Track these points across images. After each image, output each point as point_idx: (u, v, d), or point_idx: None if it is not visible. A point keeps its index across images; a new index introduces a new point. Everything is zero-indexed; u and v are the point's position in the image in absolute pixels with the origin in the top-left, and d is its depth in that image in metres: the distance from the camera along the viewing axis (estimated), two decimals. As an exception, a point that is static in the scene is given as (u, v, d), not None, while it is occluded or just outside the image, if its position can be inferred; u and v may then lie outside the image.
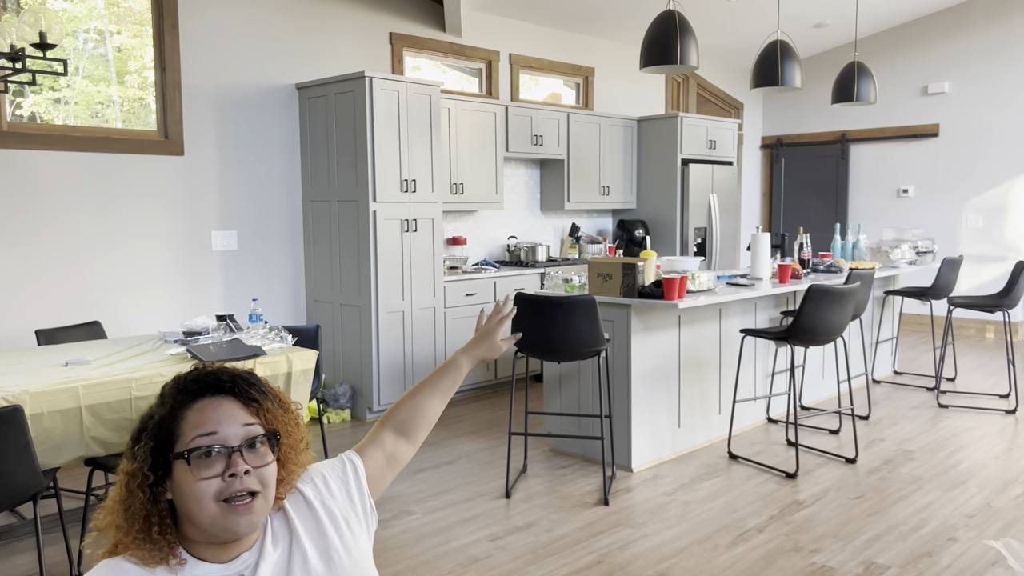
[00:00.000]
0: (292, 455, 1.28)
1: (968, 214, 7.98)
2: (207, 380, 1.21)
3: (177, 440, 1.17)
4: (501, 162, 5.97)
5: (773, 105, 9.38)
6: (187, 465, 1.14)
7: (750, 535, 3.23)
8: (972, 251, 7.97)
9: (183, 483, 1.14)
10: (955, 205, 8.05)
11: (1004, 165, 7.73)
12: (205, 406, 1.18)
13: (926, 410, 5.14)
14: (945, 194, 8.11)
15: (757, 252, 4.85)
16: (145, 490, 1.15)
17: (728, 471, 4.02)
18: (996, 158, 7.77)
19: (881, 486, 3.78)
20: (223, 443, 1.16)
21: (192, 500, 1.14)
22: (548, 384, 4.38)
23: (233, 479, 1.14)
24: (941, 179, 8.13)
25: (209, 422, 1.16)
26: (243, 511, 1.15)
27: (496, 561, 3.01)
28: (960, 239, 8.03)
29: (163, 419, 1.18)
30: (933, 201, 8.19)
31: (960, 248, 8.04)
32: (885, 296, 6.04)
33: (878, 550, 3.07)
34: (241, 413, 1.20)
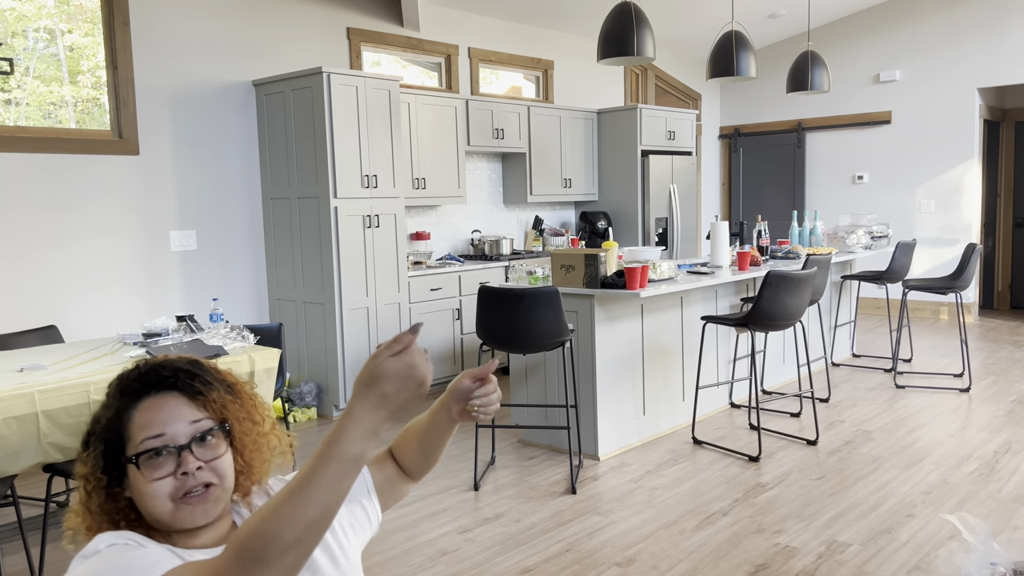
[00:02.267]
0: (249, 441, 1.26)
1: (921, 199, 8.17)
2: (149, 377, 1.19)
3: (127, 442, 1.15)
4: (463, 156, 5.97)
5: (730, 95, 9.49)
6: (137, 469, 1.13)
7: (715, 518, 3.28)
8: (926, 235, 8.16)
9: (137, 484, 1.14)
10: (908, 190, 8.23)
11: (954, 150, 7.92)
12: (150, 405, 1.17)
13: (884, 391, 5.27)
14: (899, 179, 8.29)
15: (716, 240, 4.91)
16: (100, 492, 1.15)
17: (693, 456, 4.08)
18: (947, 143, 7.96)
19: (841, 466, 3.87)
20: (171, 443, 1.14)
21: (147, 499, 1.13)
22: (514, 376, 4.39)
23: (185, 477, 1.14)
24: (894, 165, 8.31)
25: (155, 423, 1.15)
26: (198, 502, 1.14)
27: (465, 553, 3.02)
28: (914, 223, 8.22)
29: (109, 421, 1.17)
30: (887, 186, 8.37)
31: (914, 232, 8.23)
32: (842, 281, 6.16)
33: (839, 528, 3.15)
34: (187, 409, 1.18)
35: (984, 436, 4.25)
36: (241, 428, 1.24)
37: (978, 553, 2.19)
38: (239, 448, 1.23)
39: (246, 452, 1.24)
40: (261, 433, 1.28)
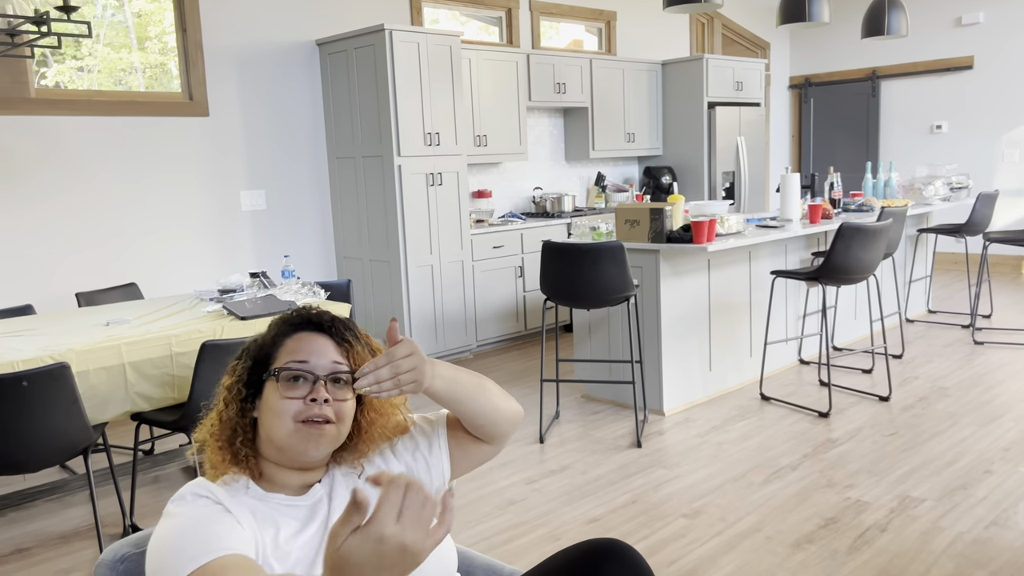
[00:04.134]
0: (375, 403, 1.33)
1: (1004, 148, 7.78)
2: (309, 317, 1.31)
3: (273, 362, 1.27)
4: (524, 112, 5.92)
5: (801, 44, 9.15)
6: (275, 382, 1.24)
7: (784, 472, 3.25)
8: (1009, 186, 7.79)
9: (269, 398, 1.24)
10: (991, 139, 7.84)
11: (1042, 96, 7.50)
12: (302, 337, 1.28)
13: (961, 347, 5.10)
14: (980, 128, 7.90)
15: (787, 193, 4.79)
16: (236, 403, 1.26)
17: (760, 412, 4.04)
18: (1034, 89, 7.54)
19: (915, 423, 3.77)
20: (311, 371, 1.25)
21: (274, 415, 1.23)
22: (578, 331, 4.40)
23: (313, 404, 1.23)
24: (976, 113, 7.91)
25: (302, 351, 1.26)
26: (315, 432, 1.22)
27: (532, 503, 3.07)
28: (996, 174, 7.85)
29: (264, 343, 1.30)
30: (968, 136, 7.99)
31: (996, 183, 7.86)
32: (918, 234, 5.95)
33: (913, 484, 3.08)
34: (332, 351, 1.28)
35: (1069, 393, 4.09)
36: None
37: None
38: (364, 404, 1.32)
39: (369, 411, 1.33)
40: (387, 401, 1.35)
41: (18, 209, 4.12)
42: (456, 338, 5.29)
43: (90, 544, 2.92)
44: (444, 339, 5.21)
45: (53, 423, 2.47)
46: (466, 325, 5.35)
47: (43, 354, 2.61)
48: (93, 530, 3.03)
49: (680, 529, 2.79)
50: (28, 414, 2.41)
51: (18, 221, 4.12)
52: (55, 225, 4.24)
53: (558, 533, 2.82)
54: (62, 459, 2.57)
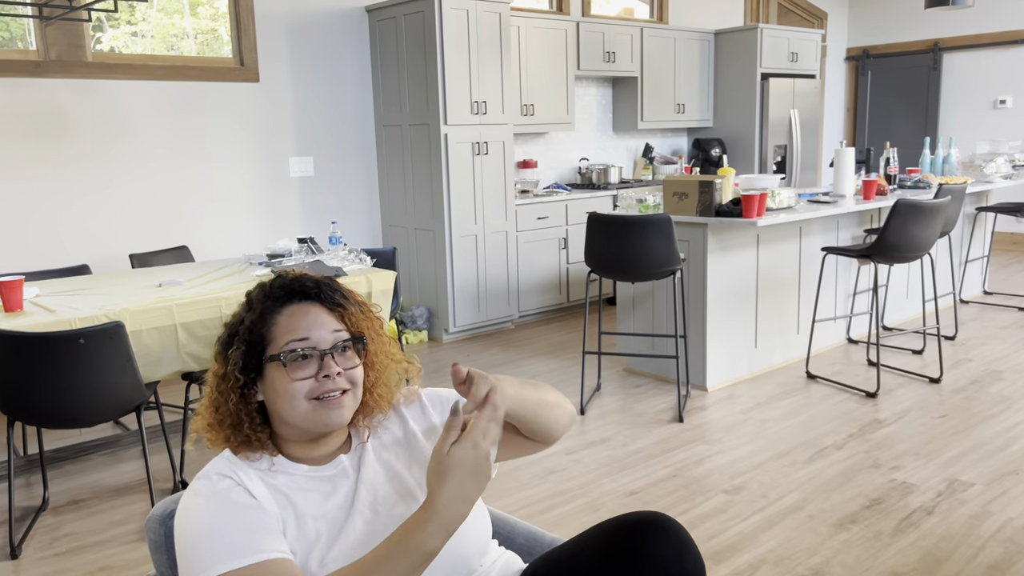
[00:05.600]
0: (379, 358, 1.31)
1: (1073, 125, 7.47)
2: (293, 287, 1.25)
3: (269, 344, 1.21)
4: (572, 81, 5.85)
5: (860, 14, 8.86)
6: (283, 367, 1.19)
7: (828, 452, 3.21)
8: (1075, 164, 7.47)
9: (277, 383, 1.20)
10: (1058, 115, 7.53)
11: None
12: (295, 312, 1.22)
13: (1017, 330, 4.95)
14: (1048, 104, 7.59)
15: (840, 168, 4.66)
16: (236, 391, 1.21)
17: (806, 390, 3.98)
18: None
19: (966, 405, 3.68)
20: (316, 347, 1.20)
21: (286, 399, 1.19)
22: (621, 305, 4.37)
23: (326, 380, 1.20)
24: (1044, 87, 7.59)
25: (301, 327, 1.21)
26: (334, 405, 1.20)
27: (572, 473, 3.08)
28: (1062, 152, 7.54)
29: (254, 324, 1.22)
30: (1034, 112, 7.68)
31: (1062, 162, 7.55)
32: (977, 213, 5.76)
33: (962, 468, 3.02)
34: (328, 319, 1.23)
35: None
36: (374, 344, 1.30)
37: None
38: (369, 364, 1.29)
39: (376, 368, 1.30)
40: (388, 353, 1.33)
41: (74, 170, 4.22)
42: (498, 308, 5.30)
43: (142, 498, 3.02)
44: (487, 309, 5.23)
45: (108, 380, 2.54)
46: (508, 296, 5.35)
47: (99, 313, 2.68)
48: (145, 484, 3.13)
49: (721, 505, 2.78)
50: (84, 371, 2.49)
51: (74, 182, 4.22)
52: (110, 187, 4.34)
53: (598, 504, 2.83)
54: (116, 415, 2.65)
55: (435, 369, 4.54)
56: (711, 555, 2.45)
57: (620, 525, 1.16)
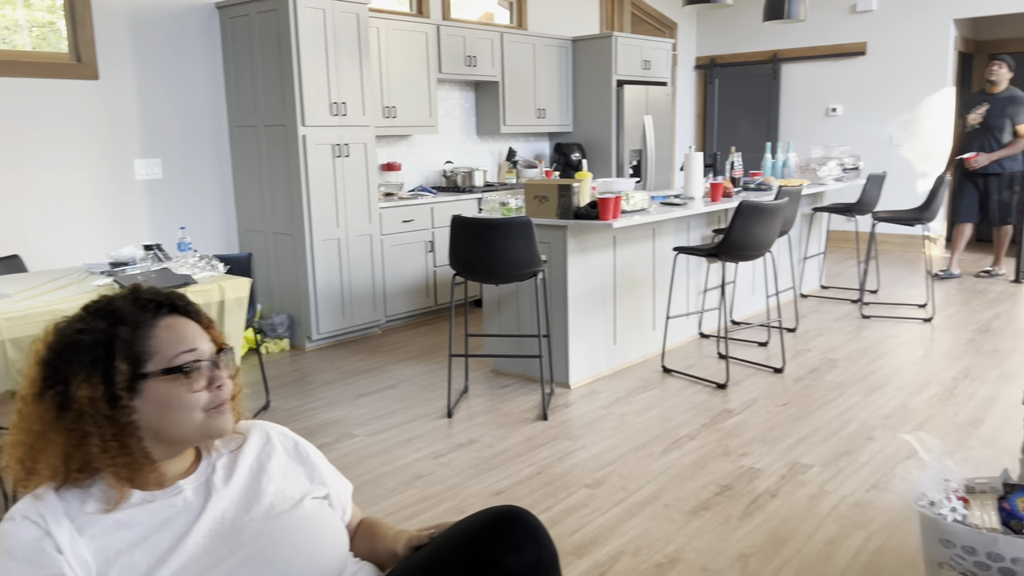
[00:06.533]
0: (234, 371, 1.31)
1: (893, 131, 8.20)
2: (161, 300, 1.22)
3: (151, 358, 1.16)
4: (434, 84, 5.85)
5: (707, 25, 9.36)
6: (184, 378, 1.17)
7: (682, 442, 3.37)
8: (897, 168, 8.21)
9: (171, 397, 1.16)
10: (881, 123, 8.25)
11: (928, 82, 7.92)
12: (171, 325, 1.20)
13: (850, 321, 5.37)
14: (872, 112, 8.29)
15: (690, 172, 4.91)
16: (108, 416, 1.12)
17: (662, 384, 4.16)
18: (921, 75, 7.95)
19: (806, 393, 3.96)
20: (204, 358, 1.21)
21: (182, 412, 1.17)
22: (487, 307, 4.41)
23: (219, 390, 1.21)
24: (868, 97, 8.30)
25: (184, 340, 1.20)
26: (223, 413, 1.22)
27: (438, 477, 3.08)
28: (886, 156, 8.26)
29: (131, 338, 1.15)
30: (860, 119, 8.37)
31: (885, 165, 8.28)
32: (813, 212, 6.21)
33: (802, 451, 3.24)
34: (199, 330, 1.24)
35: (944, 363, 4.37)
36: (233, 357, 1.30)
37: (933, 470, 2.27)
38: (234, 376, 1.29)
39: (236, 381, 1.30)
40: None
41: None
42: (364, 313, 5.22)
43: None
44: (352, 314, 5.14)
45: (-77, 404, 2.30)
46: (374, 300, 5.28)
47: (-89, 331, 2.43)
48: (-28, 516, 2.86)
49: (583, 499, 2.86)
50: None
51: None
52: (-74, 192, 3.94)
53: (464, 507, 2.84)
54: (-66, 442, 2.41)
55: (297, 379, 4.42)
56: (574, 549, 2.51)
57: (477, 522, 1.19)
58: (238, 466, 1.28)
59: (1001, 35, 8.37)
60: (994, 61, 6.33)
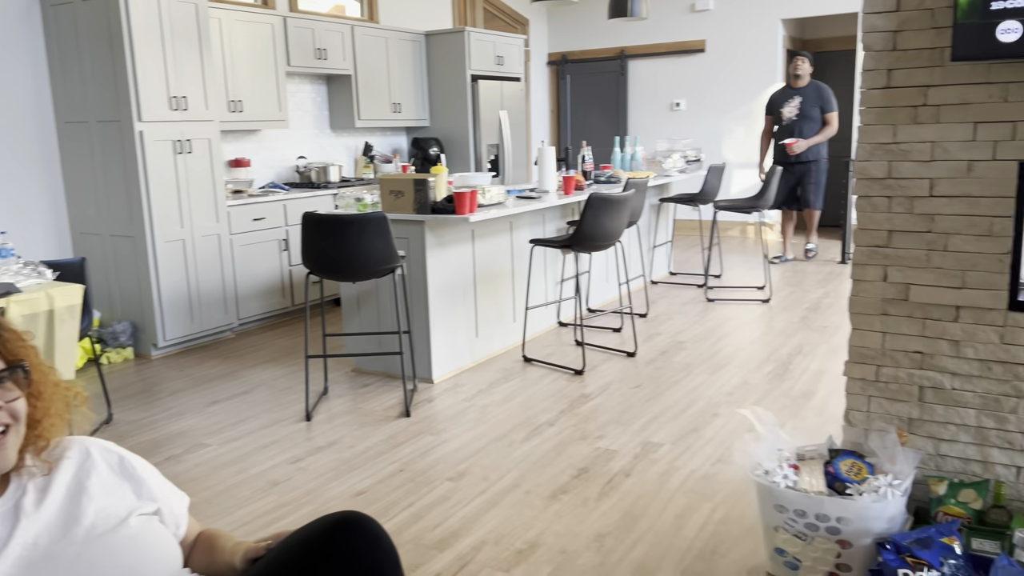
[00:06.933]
0: (44, 387, 1.19)
1: (732, 124, 8.71)
2: None
3: None
4: (283, 78, 5.67)
5: (558, 22, 9.57)
6: None
7: (542, 429, 3.45)
8: (736, 159, 8.73)
9: None
10: (720, 116, 8.74)
11: (760, 79, 8.46)
12: None
13: (696, 305, 5.67)
14: (712, 106, 8.77)
15: (543, 166, 5.01)
16: None
17: (523, 374, 4.23)
18: (754, 72, 8.48)
19: (657, 375, 4.16)
20: None
21: None
22: (346, 305, 4.34)
23: None
24: (708, 92, 8.77)
25: None
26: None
27: (297, 482, 3.01)
28: (725, 148, 8.77)
29: None
30: (702, 113, 8.84)
31: (725, 156, 8.78)
32: (660, 203, 6.50)
33: (653, 430, 3.40)
34: None
35: (780, 341, 4.70)
36: (36, 373, 1.17)
37: (767, 442, 2.44)
38: (35, 394, 1.16)
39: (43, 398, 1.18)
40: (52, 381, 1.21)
41: None
42: (215, 317, 5.00)
43: None
44: (201, 319, 4.91)
45: None
46: (226, 303, 5.06)
47: None
48: None
49: (445, 493, 2.87)
50: None
51: None
52: None
53: (324, 510, 2.78)
54: None
55: (142, 389, 4.17)
56: (436, 543, 2.52)
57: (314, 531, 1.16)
58: (53, 487, 1.19)
59: (823, 34, 9.06)
60: (797, 57, 6.78)
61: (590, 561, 2.40)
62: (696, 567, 2.35)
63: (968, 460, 2.32)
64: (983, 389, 2.26)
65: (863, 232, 2.37)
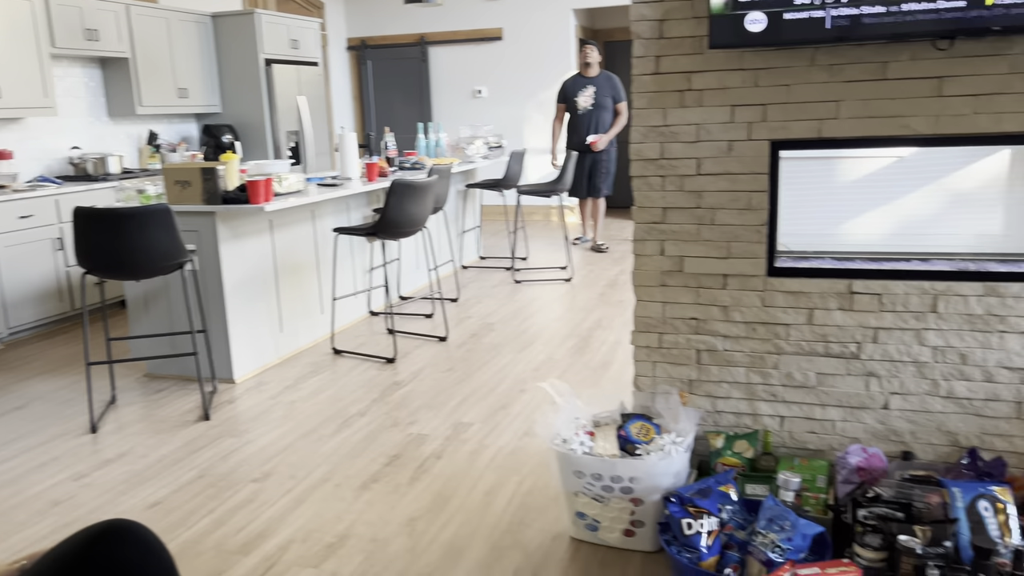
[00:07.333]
0: None
1: (531, 111, 8.96)
2: None
3: None
4: (48, 60, 5.13)
5: (355, 6, 9.38)
6: None
7: (353, 420, 3.40)
8: (536, 144, 9.01)
9: None
10: (520, 103, 8.97)
11: (556, 66, 8.77)
12: None
13: (504, 287, 5.81)
14: (512, 94, 8.98)
15: (344, 152, 4.91)
16: None
17: (333, 366, 4.15)
18: (550, 60, 8.78)
19: (468, 357, 4.22)
20: None
21: None
22: (133, 306, 4.03)
23: None
24: (508, 80, 8.97)
25: None
26: None
27: (81, 499, 2.77)
28: (526, 134, 9.02)
29: None
30: (503, 100, 9.03)
31: (526, 142, 9.03)
32: (467, 189, 6.58)
33: (464, 411, 3.45)
34: None
35: (581, 316, 4.93)
36: None
37: (565, 412, 2.56)
38: None
39: None
40: None
41: None
42: (-21, 327, 4.47)
43: None
44: (-39, 330, 4.37)
45: None
46: (-9, 311, 4.54)
47: None
48: None
49: (249, 495, 2.76)
50: None
51: None
52: None
53: (114, 526, 2.58)
54: None
55: None
56: (240, 548, 2.42)
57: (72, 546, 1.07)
58: None
59: (612, 24, 9.54)
60: (586, 46, 6.87)
61: (402, 546, 2.40)
62: (505, 540, 2.42)
63: (740, 414, 2.56)
64: (750, 349, 2.50)
65: (641, 210, 2.53)
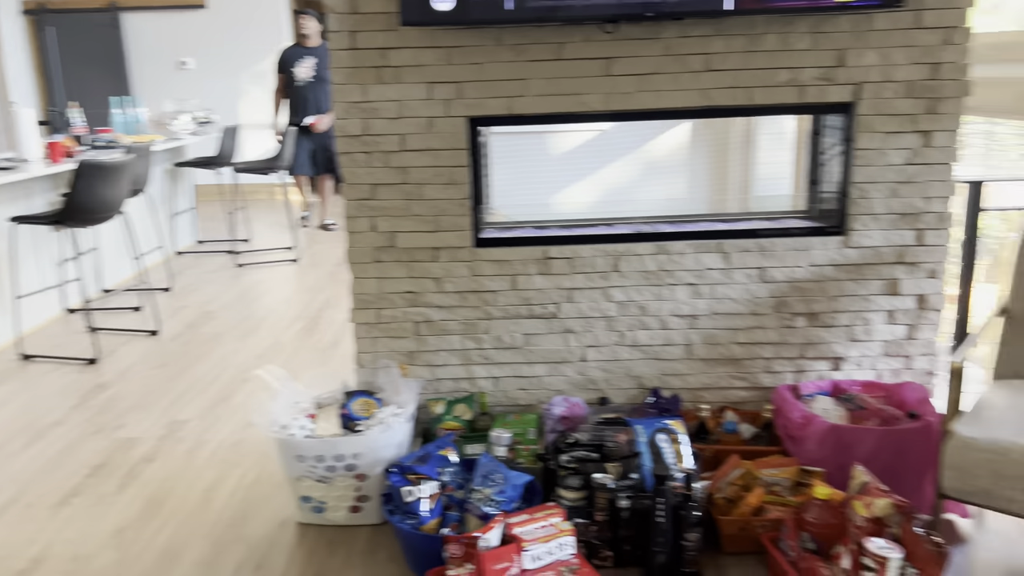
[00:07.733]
0: None
1: (246, 84, 8.51)
2: None
3: None
4: None
5: (27, -38, 8.23)
6: None
7: (47, 431, 3.05)
8: (253, 119, 8.58)
9: None
10: (233, 76, 8.47)
11: (266, 36, 8.37)
12: None
13: (226, 272, 5.51)
14: (222, 65, 8.44)
15: (18, 131, 4.32)
16: None
17: (21, 373, 3.68)
18: (259, 30, 8.35)
19: (184, 350, 3.95)
20: None
21: None
22: None
23: None
24: (218, 51, 8.41)
25: None
26: None
27: None
28: (241, 108, 8.55)
29: None
30: (213, 72, 8.46)
31: (241, 117, 8.57)
32: (176, 168, 6.11)
33: (179, 408, 3.24)
34: None
35: (310, 297, 4.82)
36: None
37: (283, 397, 2.50)
38: None
39: None
40: None
41: None
42: None
43: None
44: None
45: None
46: None
47: None
48: None
49: (-86, 532, 2.38)
50: None
51: None
52: None
53: None
54: None
55: None
56: (-96, 594, 2.08)
57: None
58: None
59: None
60: (302, 15, 6.52)
61: (108, 560, 2.21)
62: (227, 535, 2.32)
63: (458, 379, 2.68)
64: (462, 317, 2.61)
65: (351, 187, 2.52)
